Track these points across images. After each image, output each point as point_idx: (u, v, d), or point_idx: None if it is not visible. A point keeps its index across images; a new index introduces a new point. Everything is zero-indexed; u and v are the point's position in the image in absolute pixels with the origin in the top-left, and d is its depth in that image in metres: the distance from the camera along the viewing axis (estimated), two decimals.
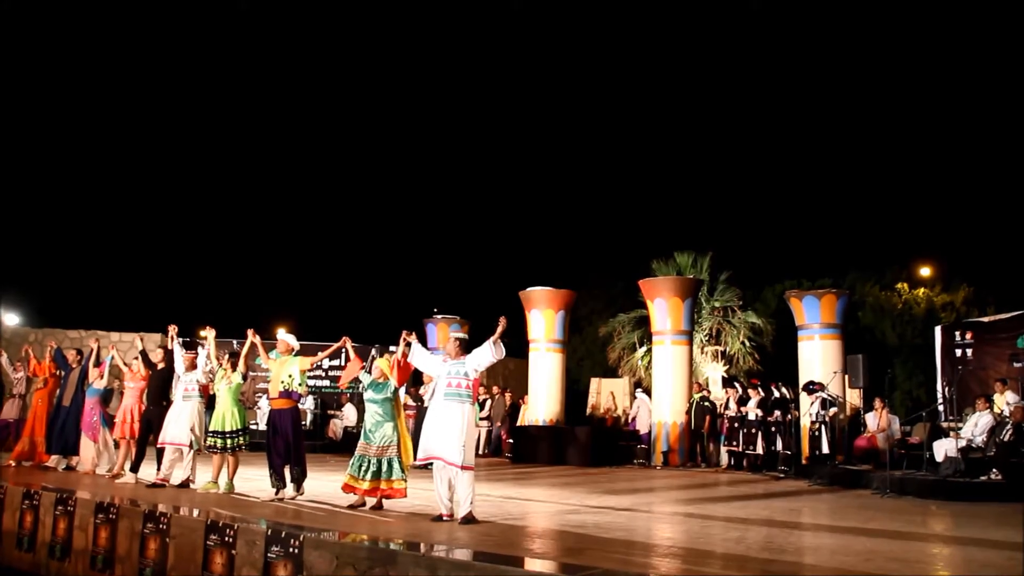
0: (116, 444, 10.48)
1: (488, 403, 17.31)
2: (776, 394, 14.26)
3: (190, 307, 31.93)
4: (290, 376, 8.18)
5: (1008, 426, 10.72)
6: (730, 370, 19.01)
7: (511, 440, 16.68)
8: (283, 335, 8.54)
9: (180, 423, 9.20)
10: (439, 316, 19.57)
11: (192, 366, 9.53)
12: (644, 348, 19.31)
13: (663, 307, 15.82)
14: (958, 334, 14.88)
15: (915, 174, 31.42)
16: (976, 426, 11.18)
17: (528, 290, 17.50)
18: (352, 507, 7.61)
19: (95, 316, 24.06)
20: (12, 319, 20.17)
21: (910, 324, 22.99)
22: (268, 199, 40.88)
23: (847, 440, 13.48)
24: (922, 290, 23.80)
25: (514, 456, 15.90)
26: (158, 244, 36.57)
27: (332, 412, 18.27)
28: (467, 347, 7.33)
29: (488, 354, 7.12)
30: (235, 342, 20.40)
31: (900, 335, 22.96)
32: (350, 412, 17.95)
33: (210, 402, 9.40)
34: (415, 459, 7.61)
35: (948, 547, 6.73)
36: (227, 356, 9.15)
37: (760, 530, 7.34)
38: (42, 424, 11.18)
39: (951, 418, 12.66)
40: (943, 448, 10.96)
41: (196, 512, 7.09)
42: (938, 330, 15.63)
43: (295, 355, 8.43)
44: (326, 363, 17.92)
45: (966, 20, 32.46)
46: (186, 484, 9.15)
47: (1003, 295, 21.07)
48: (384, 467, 7.57)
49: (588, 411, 18.22)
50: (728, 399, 14.71)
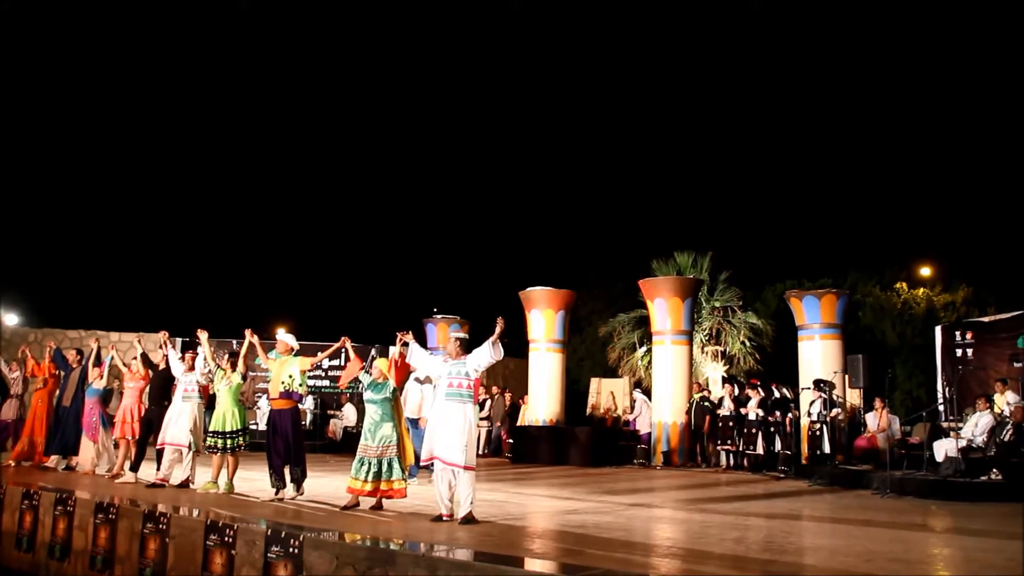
0: (116, 444, 10.47)
1: (488, 403, 17.30)
2: (776, 394, 14.25)
3: (190, 307, 31.95)
4: (290, 376, 8.16)
5: (1008, 426, 10.71)
6: (730, 370, 19.00)
7: (511, 440, 16.67)
8: (283, 335, 8.52)
9: (179, 424, 9.19)
10: (439, 316, 19.56)
11: (191, 367, 9.51)
12: (644, 348, 19.31)
13: (663, 307, 15.82)
14: (958, 334, 14.88)
15: (915, 174, 31.44)
16: (976, 426, 11.17)
17: (528, 290, 17.49)
18: (346, 508, 7.59)
19: (95, 316, 24.05)
20: (12, 319, 20.16)
21: (910, 324, 22.98)
22: (268, 199, 40.86)
23: (847, 440, 13.47)
24: (922, 290, 23.79)
25: (514, 456, 15.89)
26: (158, 244, 36.56)
27: (332, 412, 18.27)
28: (467, 347, 7.33)
29: (487, 354, 7.12)
30: (235, 342, 20.42)
31: (900, 335, 22.95)
32: (350, 412, 17.95)
33: (210, 402, 9.40)
34: (417, 460, 7.61)
35: (948, 547, 6.72)
36: (227, 356, 9.14)
37: (760, 530, 7.34)
38: (42, 424, 11.18)
39: (951, 418, 12.65)
40: (943, 448, 10.95)
41: (196, 512, 7.09)
42: (938, 330, 15.62)
43: (295, 355, 8.42)
44: (326, 363, 17.89)
45: (966, 20, 32.47)
46: (186, 484, 9.14)
47: (1003, 295, 21.07)
48: (384, 467, 7.54)
49: (588, 411, 18.22)
50: (724, 397, 14.70)
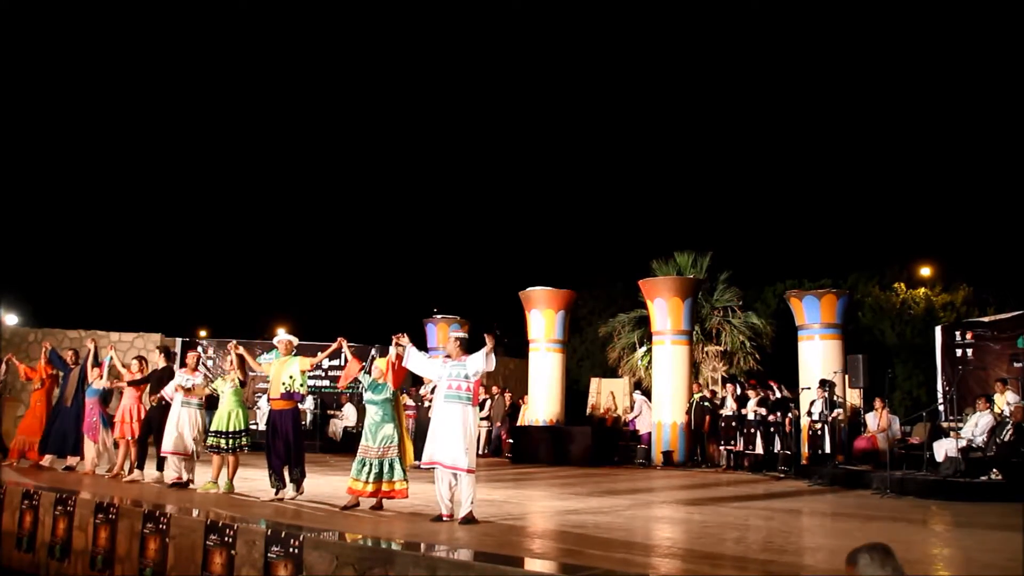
0: (116, 444, 10.48)
1: (488, 403, 17.29)
2: (777, 394, 14.25)
3: (190, 307, 31.99)
4: (291, 377, 8.13)
5: (1008, 426, 10.72)
6: (730, 370, 18.99)
7: (511, 440, 16.66)
8: (283, 335, 8.49)
9: (184, 432, 9.20)
10: (439, 316, 19.56)
11: (194, 368, 9.49)
12: (644, 348, 19.30)
13: (663, 307, 15.81)
14: (958, 334, 14.88)
15: (915, 174, 31.45)
16: (976, 426, 11.18)
17: (528, 290, 17.49)
18: (346, 508, 7.56)
19: (95, 316, 24.10)
20: (12, 319, 20.15)
21: (909, 324, 22.97)
22: (267, 199, 40.90)
23: (847, 440, 13.47)
24: (922, 290, 23.77)
25: (514, 456, 15.88)
26: (158, 244, 36.57)
27: (332, 412, 18.26)
28: (467, 346, 7.29)
29: (482, 363, 7.05)
30: (234, 342, 20.41)
31: (900, 335, 22.94)
32: (350, 412, 17.94)
33: (211, 402, 9.39)
34: (418, 460, 7.59)
35: (949, 547, 6.73)
36: (229, 358, 9.10)
37: (760, 530, 7.34)
38: (40, 424, 11.17)
39: (951, 418, 12.65)
40: (943, 448, 10.95)
41: (196, 512, 7.08)
42: (938, 330, 15.62)
43: (295, 355, 8.39)
44: (326, 363, 17.84)
45: (966, 20, 32.47)
46: (185, 484, 9.16)
47: (1003, 295, 21.08)
48: (385, 468, 7.53)
49: (588, 411, 18.21)
50: (726, 397, 14.70)
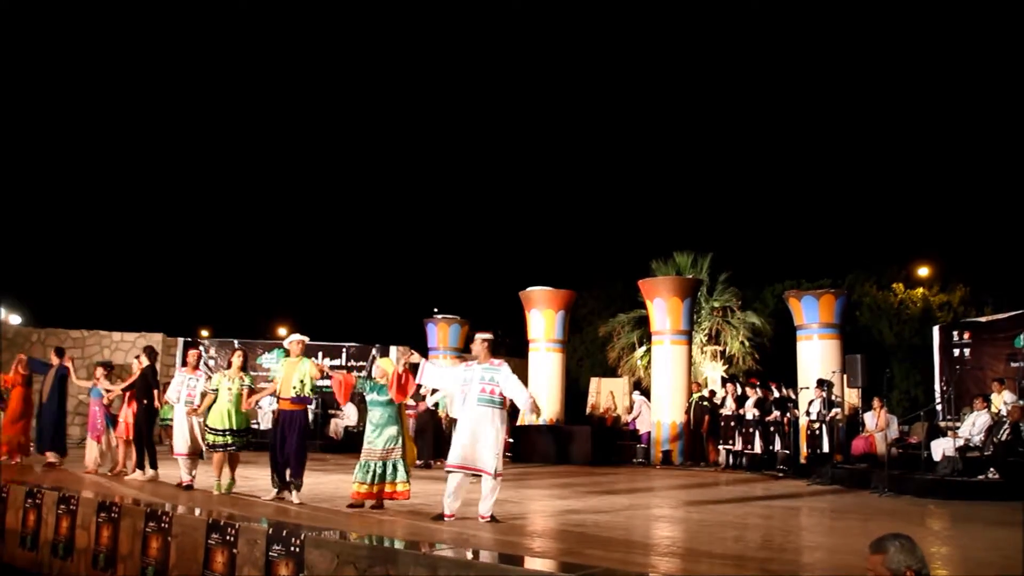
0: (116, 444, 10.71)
1: None
2: (776, 394, 14.29)
3: (190, 307, 32.02)
4: (301, 381, 8.06)
5: (1005, 425, 10.75)
6: (729, 370, 19.04)
7: (511, 440, 16.69)
8: (296, 335, 8.32)
9: (193, 433, 9.31)
10: (439, 316, 19.59)
11: (196, 367, 9.52)
12: (644, 348, 19.33)
13: (662, 307, 15.85)
14: (956, 334, 14.93)
15: (913, 175, 31.48)
16: (974, 426, 11.22)
17: (528, 290, 17.52)
18: (351, 506, 7.61)
19: (97, 316, 24.13)
20: (15, 319, 20.18)
21: (907, 324, 23.00)
22: (268, 199, 40.92)
23: (845, 440, 13.50)
24: (920, 290, 23.80)
25: (514, 456, 15.91)
26: (159, 244, 36.59)
27: (332, 412, 18.29)
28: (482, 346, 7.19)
29: (517, 396, 7.01)
30: (235, 342, 20.44)
31: (897, 335, 22.96)
32: (351, 411, 17.97)
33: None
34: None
35: (946, 546, 6.75)
36: (235, 361, 8.95)
37: (759, 529, 7.38)
38: (17, 419, 11.34)
39: (949, 418, 12.69)
40: (941, 448, 10.99)
41: (198, 511, 7.12)
42: (936, 330, 15.67)
43: (306, 356, 8.30)
44: (327, 363, 18.01)
45: (966, 20, 32.49)
46: (190, 486, 9.15)
47: (1000, 295, 21.11)
48: (388, 469, 7.54)
49: (588, 411, 18.24)
50: (726, 396, 14.74)
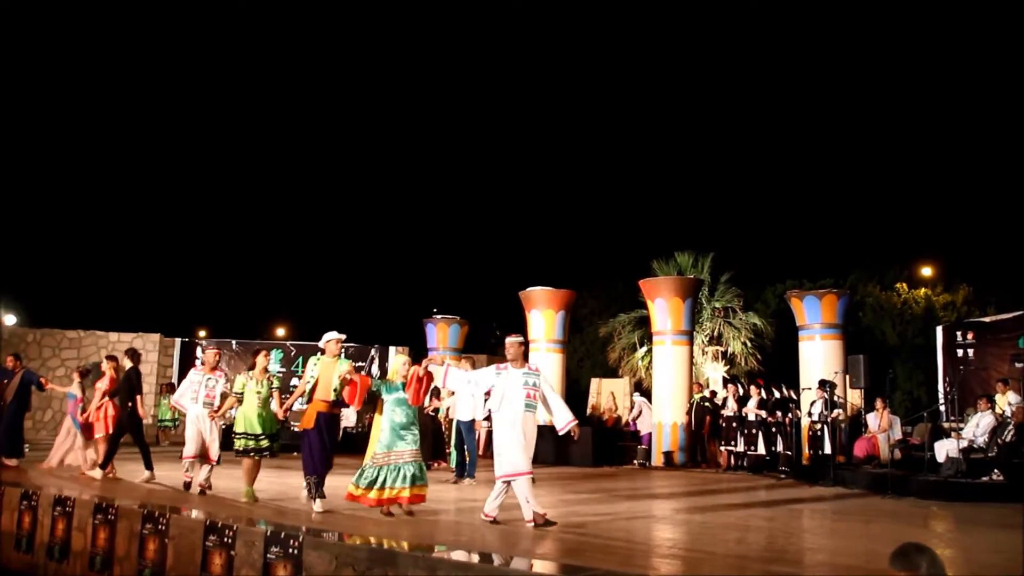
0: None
1: (487, 403, 17.27)
2: (777, 394, 14.23)
3: (190, 307, 31.98)
4: (341, 383, 7.62)
5: (1010, 426, 10.70)
6: (731, 370, 18.99)
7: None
8: (334, 333, 7.80)
9: (205, 436, 8.90)
10: (439, 316, 19.54)
11: (215, 366, 9.16)
12: (644, 348, 19.28)
13: (663, 307, 15.79)
14: (959, 334, 14.87)
15: (915, 174, 31.45)
16: (978, 427, 11.15)
17: (528, 290, 17.47)
18: (390, 514, 7.18)
19: (94, 316, 24.08)
20: (11, 320, 20.13)
21: (910, 324, 22.96)
22: (268, 199, 40.90)
23: (848, 441, 13.44)
24: (923, 290, 23.76)
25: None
26: (158, 244, 36.57)
27: None
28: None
29: (561, 417, 7.04)
30: (234, 342, 20.40)
31: (900, 335, 22.93)
32: (349, 412, 17.90)
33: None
34: (507, 473, 7.15)
35: (950, 548, 6.70)
36: (259, 365, 8.42)
37: (761, 531, 7.32)
38: None
39: (952, 418, 12.65)
40: (944, 449, 10.93)
41: (194, 512, 7.06)
42: (939, 330, 15.61)
43: (342, 356, 7.84)
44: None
45: (966, 20, 32.46)
46: (202, 490, 8.72)
47: (1003, 295, 21.06)
48: (418, 471, 7.20)
49: (588, 411, 18.18)
50: (727, 397, 14.68)
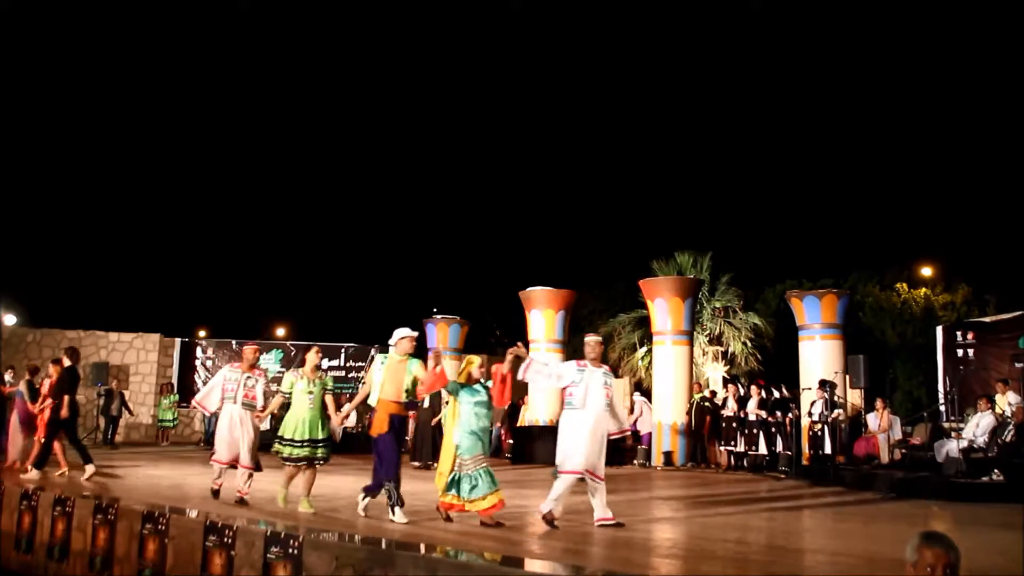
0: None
1: None
2: (777, 394, 14.23)
3: (190, 307, 31.97)
4: (413, 383, 7.18)
5: (1010, 427, 10.70)
6: (731, 370, 18.98)
7: (511, 441, 16.64)
8: (406, 331, 7.28)
9: (238, 440, 7.95)
10: (439, 316, 19.54)
11: (253, 365, 8.19)
12: (644, 348, 19.27)
13: (663, 307, 15.78)
14: (960, 334, 14.87)
15: (915, 175, 31.43)
16: (978, 427, 11.16)
17: (528, 290, 17.47)
18: (491, 525, 6.79)
19: (94, 316, 24.06)
20: (11, 320, 20.14)
21: (910, 324, 22.95)
22: (268, 200, 40.89)
23: (848, 441, 13.45)
24: (922, 290, 23.76)
25: (514, 456, 15.84)
26: (158, 244, 36.56)
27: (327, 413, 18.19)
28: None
29: (622, 419, 7.28)
30: (234, 342, 20.39)
31: (900, 335, 22.92)
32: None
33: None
34: (570, 469, 6.91)
35: None
36: (312, 360, 7.73)
37: (761, 531, 7.32)
38: None
39: (953, 419, 12.65)
40: (945, 449, 10.94)
41: (194, 513, 7.05)
42: (940, 330, 15.61)
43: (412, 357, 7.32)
44: (325, 363, 17.82)
45: (966, 20, 32.46)
46: (241, 499, 7.90)
47: (1003, 295, 21.06)
48: (493, 479, 6.91)
49: None
50: (727, 397, 14.68)
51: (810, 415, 13.25)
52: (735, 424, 14.22)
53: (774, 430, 13.77)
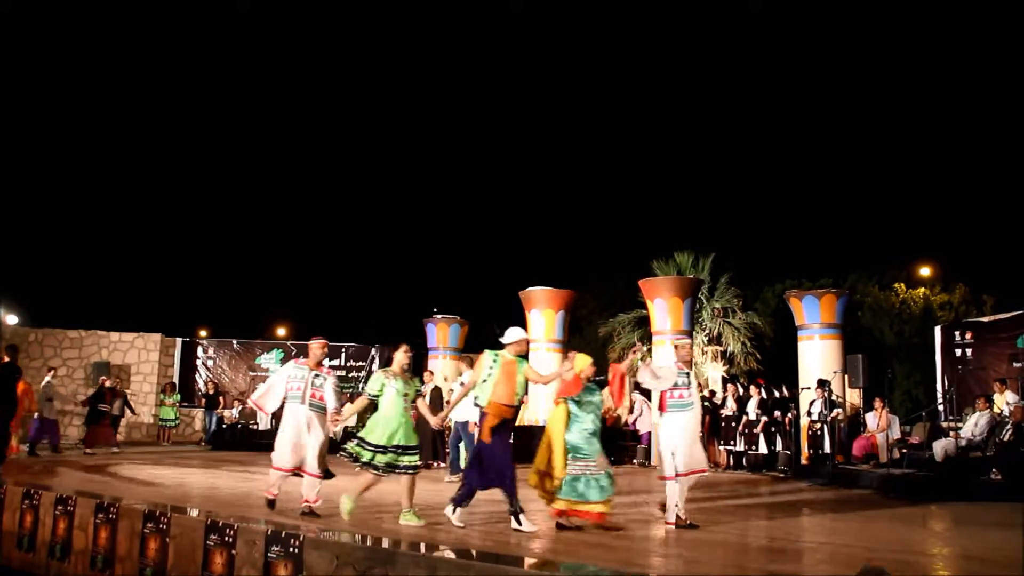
0: None
1: None
2: (776, 394, 14.25)
3: (190, 307, 32.00)
4: (523, 385, 6.88)
5: (1008, 426, 10.72)
6: (730, 370, 18.99)
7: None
8: (520, 332, 6.90)
9: (315, 448, 7.23)
10: (439, 316, 19.55)
11: (319, 362, 7.49)
12: (644, 348, 19.28)
13: (663, 307, 15.80)
14: (958, 334, 14.90)
15: (914, 175, 31.47)
16: (976, 426, 11.19)
17: (528, 290, 17.48)
18: (571, 527, 6.76)
19: (95, 316, 24.08)
20: (12, 319, 20.15)
21: (908, 324, 22.98)
22: (268, 199, 40.90)
23: (847, 440, 13.47)
24: (921, 290, 23.79)
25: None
26: (158, 244, 36.58)
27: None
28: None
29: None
30: (235, 342, 20.40)
31: (898, 335, 22.95)
32: (348, 411, 17.86)
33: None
34: (682, 471, 7.00)
35: (948, 547, 6.73)
36: (401, 359, 7.11)
37: (761, 530, 7.34)
38: None
39: (951, 418, 12.67)
40: (943, 448, 10.96)
41: (195, 512, 7.07)
42: (938, 330, 15.64)
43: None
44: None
45: (966, 20, 32.48)
46: (311, 510, 7.13)
47: (1001, 295, 21.09)
48: (610, 482, 6.81)
49: None
50: (727, 397, 14.70)
51: (809, 414, 13.27)
52: (735, 424, 14.24)
53: (774, 430, 13.79)
